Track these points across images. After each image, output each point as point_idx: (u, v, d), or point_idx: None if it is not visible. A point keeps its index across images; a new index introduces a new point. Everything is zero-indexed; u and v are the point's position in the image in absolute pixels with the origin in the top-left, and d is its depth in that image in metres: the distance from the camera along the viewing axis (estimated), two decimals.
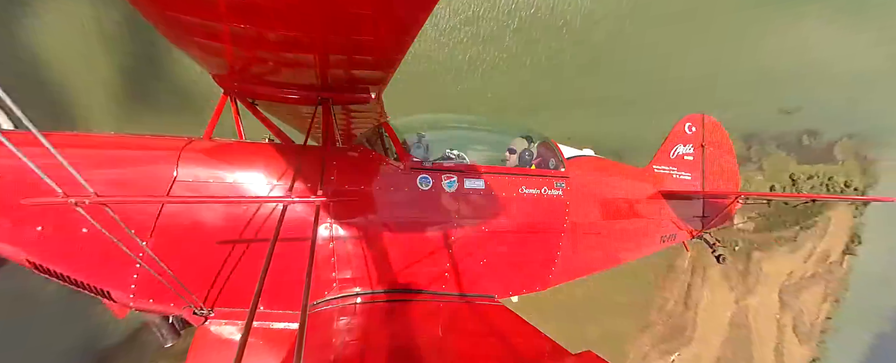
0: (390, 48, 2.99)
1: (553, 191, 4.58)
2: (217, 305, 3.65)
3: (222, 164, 3.68)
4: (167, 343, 3.92)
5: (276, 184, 3.68)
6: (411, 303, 3.94)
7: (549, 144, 4.99)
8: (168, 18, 2.59)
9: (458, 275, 4.23)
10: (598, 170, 5.33)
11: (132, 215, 3.31)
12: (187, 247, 3.55)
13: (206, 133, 4.10)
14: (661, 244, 5.93)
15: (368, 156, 4.24)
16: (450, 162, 4.32)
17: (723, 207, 6.09)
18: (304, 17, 2.43)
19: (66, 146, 2.86)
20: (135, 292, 3.48)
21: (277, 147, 4.25)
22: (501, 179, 4.38)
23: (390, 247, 4.05)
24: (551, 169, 4.77)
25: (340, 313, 3.66)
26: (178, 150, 3.59)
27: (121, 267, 3.39)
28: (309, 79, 3.71)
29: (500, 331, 3.67)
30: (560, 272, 4.82)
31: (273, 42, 2.83)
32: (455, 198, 4.16)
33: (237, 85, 4.06)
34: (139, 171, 3.48)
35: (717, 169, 6.54)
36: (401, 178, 4.05)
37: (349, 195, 3.86)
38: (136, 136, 3.88)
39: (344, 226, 3.86)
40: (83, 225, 3.07)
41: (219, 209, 3.58)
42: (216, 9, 2.33)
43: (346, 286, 3.90)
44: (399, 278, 4.07)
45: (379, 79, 3.74)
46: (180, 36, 2.98)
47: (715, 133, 6.69)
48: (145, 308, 3.65)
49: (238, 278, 3.64)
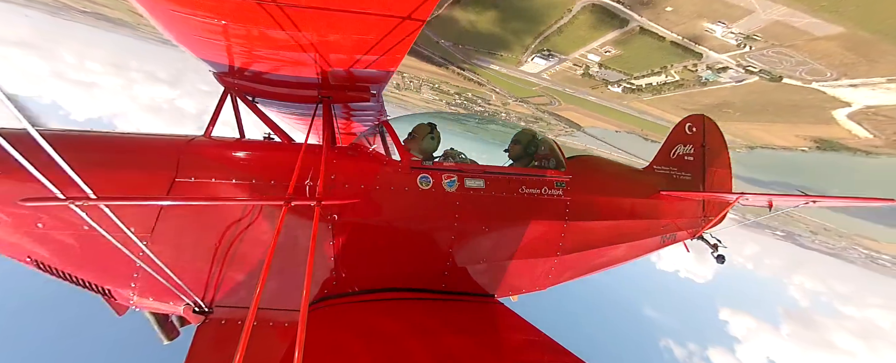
0: (391, 47, 2.99)
1: (553, 191, 4.58)
2: (217, 304, 3.66)
3: (222, 164, 3.68)
4: (166, 341, 3.92)
5: (276, 183, 3.68)
6: (411, 303, 3.94)
7: (549, 144, 4.99)
8: (170, 16, 2.60)
9: (457, 274, 4.23)
10: (599, 170, 5.32)
11: (132, 215, 3.32)
12: (187, 247, 3.55)
13: (207, 132, 4.10)
14: (661, 244, 5.93)
15: (369, 155, 4.24)
16: (450, 161, 4.33)
17: (723, 207, 6.09)
18: (306, 15, 2.43)
19: (65, 146, 2.87)
20: (135, 291, 3.49)
21: (278, 146, 4.26)
22: (502, 179, 4.38)
23: (390, 247, 4.06)
24: (552, 169, 4.77)
25: (340, 312, 3.66)
26: (178, 150, 3.59)
27: (121, 266, 3.40)
28: (309, 77, 3.71)
29: (499, 330, 3.67)
30: (560, 272, 4.83)
31: (274, 40, 2.83)
32: (455, 198, 4.16)
33: (238, 83, 4.06)
34: (139, 170, 3.49)
35: (715, 170, 6.56)
36: (401, 178, 4.05)
37: (349, 194, 3.86)
38: (136, 136, 3.88)
39: (344, 226, 3.86)
40: (83, 223, 3.08)
41: (218, 208, 3.58)
42: (218, 6, 2.33)
43: (346, 285, 3.90)
44: (399, 277, 4.07)
45: (380, 78, 3.74)
46: (182, 33, 2.99)
47: (713, 134, 6.71)
48: (145, 306, 3.65)
49: (238, 277, 3.65)
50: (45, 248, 3.29)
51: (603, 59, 52.36)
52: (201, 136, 4.00)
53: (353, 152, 4.25)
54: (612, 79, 52.89)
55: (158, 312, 3.78)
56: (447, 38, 66.43)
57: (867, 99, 48.69)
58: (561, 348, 3.09)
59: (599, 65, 52.83)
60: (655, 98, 41.75)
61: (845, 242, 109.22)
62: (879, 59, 42.93)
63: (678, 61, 48.90)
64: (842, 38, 42.28)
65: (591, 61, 55.52)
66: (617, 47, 51.57)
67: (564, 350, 3.05)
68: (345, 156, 4.12)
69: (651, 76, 41.60)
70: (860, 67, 44.70)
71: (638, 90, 41.80)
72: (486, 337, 3.54)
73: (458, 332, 3.53)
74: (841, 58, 44.44)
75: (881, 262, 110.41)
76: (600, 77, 54.19)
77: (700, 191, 6.33)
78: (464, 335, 3.50)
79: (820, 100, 50.96)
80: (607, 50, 51.60)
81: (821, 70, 46.99)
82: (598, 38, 51.97)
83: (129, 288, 3.47)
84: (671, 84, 42.41)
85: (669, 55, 48.32)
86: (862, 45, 42.41)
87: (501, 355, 3.19)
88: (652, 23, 48.20)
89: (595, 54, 52.47)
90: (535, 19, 56.45)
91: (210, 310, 3.65)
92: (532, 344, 3.31)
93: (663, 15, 47.05)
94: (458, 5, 57.45)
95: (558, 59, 59.62)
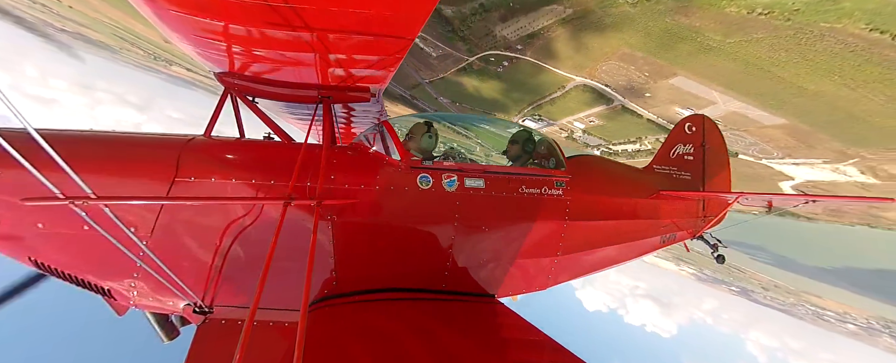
0: (391, 47, 2.99)
1: (553, 190, 4.58)
2: (217, 304, 3.66)
3: (222, 163, 3.68)
4: (166, 341, 3.92)
5: (276, 183, 3.68)
6: (411, 303, 3.94)
7: (549, 144, 4.99)
8: (170, 16, 2.60)
9: (457, 274, 4.23)
10: (599, 169, 5.32)
11: (132, 215, 3.32)
12: (187, 246, 3.55)
13: (207, 131, 4.10)
14: (661, 244, 5.93)
15: (368, 155, 4.24)
16: (450, 161, 4.33)
17: (723, 207, 6.08)
18: (306, 15, 2.43)
19: (65, 146, 2.87)
20: (135, 291, 3.49)
21: (278, 145, 4.26)
22: (502, 179, 4.38)
23: (390, 246, 4.06)
24: (552, 168, 4.77)
25: (340, 312, 3.66)
26: (178, 149, 3.59)
27: (121, 265, 3.40)
28: (309, 77, 3.71)
29: (499, 330, 3.67)
30: (560, 271, 4.83)
31: (274, 40, 2.83)
32: (455, 198, 4.16)
33: (238, 83, 4.06)
34: (139, 170, 3.49)
35: (715, 169, 6.55)
36: (401, 177, 4.05)
37: (349, 194, 3.86)
38: (136, 136, 3.88)
39: (344, 225, 3.86)
40: (84, 223, 3.08)
41: (219, 208, 3.58)
42: (218, 6, 2.33)
43: (346, 285, 3.90)
44: (399, 277, 4.07)
45: (379, 78, 3.74)
46: (182, 33, 2.99)
47: (712, 134, 6.71)
48: (146, 306, 3.65)
49: (238, 277, 3.65)
50: (46, 248, 3.29)
51: (587, 127, 65.40)
52: (201, 135, 4.01)
53: (353, 152, 4.25)
54: (593, 143, 64.38)
55: (158, 312, 3.78)
56: (447, 96, 76.15)
57: (807, 175, 61.91)
58: (561, 348, 3.09)
59: (583, 131, 66.22)
60: (629, 161, 51.48)
61: (794, 299, 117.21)
62: (816, 146, 56.86)
63: (652, 134, 62.29)
64: (785, 128, 56.13)
65: (576, 127, 67.62)
66: (600, 119, 64.88)
67: (564, 350, 3.05)
68: (345, 155, 4.12)
69: (627, 144, 53.10)
70: (801, 150, 58.86)
71: (614, 154, 50.67)
72: (486, 337, 3.54)
73: (458, 332, 3.53)
74: (785, 142, 58.39)
75: (827, 319, 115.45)
76: (582, 141, 66.87)
77: (700, 190, 6.33)
78: (464, 335, 3.50)
79: (769, 173, 63.85)
80: (592, 120, 64.34)
81: (769, 150, 61.39)
82: (585, 111, 65.59)
83: (130, 288, 3.48)
84: (644, 151, 54.61)
85: (645, 129, 62.24)
86: (801, 134, 55.97)
87: (501, 355, 3.19)
88: (633, 104, 61.99)
89: (581, 122, 66.32)
90: (534, 91, 69.63)
91: (210, 310, 3.65)
92: (532, 344, 3.31)
93: (643, 98, 61.08)
94: (465, 72, 68.69)
95: (547, 122, 71.10)
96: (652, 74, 57.70)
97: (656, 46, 53.68)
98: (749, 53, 48.97)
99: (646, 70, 57.41)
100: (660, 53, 54.36)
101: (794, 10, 42.93)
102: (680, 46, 52.14)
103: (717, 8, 46.58)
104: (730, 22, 47.11)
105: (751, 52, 48.77)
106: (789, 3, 42.46)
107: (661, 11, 49.68)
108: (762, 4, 44.39)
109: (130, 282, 3.46)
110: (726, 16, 46.83)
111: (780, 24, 44.92)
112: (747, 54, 49.18)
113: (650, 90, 59.69)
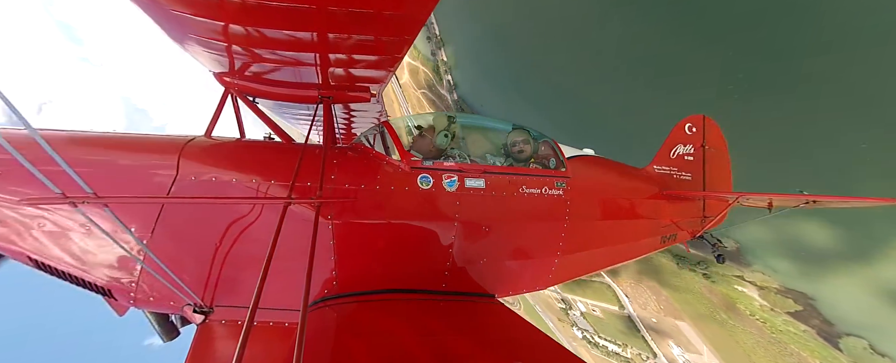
0: (391, 47, 2.99)
1: (553, 190, 4.58)
2: (217, 304, 3.66)
3: (223, 163, 3.68)
4: (166, 341, 3.92)
5: (276, 183, 3.68)
6: (411, 303, 3.94)
7: (549, 144, 4.99)
8: (170, 16, 2.60)
9: (458, 274, 4.23)
10: (599, 169, 5.32)
11: (132, 214, 3.32)
12: (187, 246, 3.55)
13: (207, 131, 4.10)
14: (661, 244, 5.93)
15: (369, 155, 4.24)
16: (451, 161, 4.32)
17: (723, 207, 6.08)
18: (306, 16, 2.43)
19: (65, 146, 2.88)
20: (135, 290, 3.49)
21: (278, 145, 4.26)
22: (502, 179, 4.37)
23: (390, 247, 4.05)
24: (552, 168, 4.76)
25: (340, 312, 3.66)
26: (178, 149, 3.59)
27: (121, 265, 3.40)
28: (310, 77, 3.71)
29: (500, 330, 3.67)
30: (560, 271, 4.82)
31: (274, 40, 2.83)
32: (456, 198, 4.15)
33: (238, 83, 4.06)
34: (139, 170, 3.49)
35: (715, 169, 6.55)
36: (401, 178, 4.05)
37: (349, 194, 3.86)
38: (136, 136, 3.88)
39: (344, 226, 3.86)
40: (84, 223, 3.08)
41: (219, 208, 3.58)
42: (218, 7, 2.33)
43: (346, 285, 3.90)
44: (399, 277, 4.07)
45: (379, 78, 3.74)
46: (182, 34, 2.99)
47: (713, 134, 6.70)
48: (146, 306, 3.65)
49: (238, 277, 3.65)
50: (46, 248, 3.29)
51: (586, 311, 61.66)
52: (202, 135, 4.01)
53: (353, 152, 4.24)
54: (581, 324, 62.04)
55: (159, 312, 3.78)
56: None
57: None
58: (561, 348, 3.08)
59: (581, 313, 62.83)
60: (602, 351, 52.95)
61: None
62: None
63: (642, 350, 56.51)
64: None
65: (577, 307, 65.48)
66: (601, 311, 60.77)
67: (564, 350, 3.05)
68: (345, 156, 4.12)
69: (613, 344, 53.24)
70: None
71: (594, 345, 53.95)
72: (486, 336, 3.54)
73: (458, 332, 3.53)
74: None
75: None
76: (571, 321, 63.68)
77: (700, 190, 6.33)
78: (464, 335, 3.50)
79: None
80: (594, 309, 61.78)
81: None
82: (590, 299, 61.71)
83: (130, 287, 3.48)
84: (623, 357, 53.08)
85: (634, 339, 56.36)
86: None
87: (501, 355, 3.19)
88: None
89: (583, 306, 62.61)
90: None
91: (210, 310, 3.65)
92: (532, 344, 3.31)
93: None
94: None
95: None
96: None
97: None
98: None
99: None
100: None
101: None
102: None
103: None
104: None
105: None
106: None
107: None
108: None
109: (131, 281, 3.46)
110: None
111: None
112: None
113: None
